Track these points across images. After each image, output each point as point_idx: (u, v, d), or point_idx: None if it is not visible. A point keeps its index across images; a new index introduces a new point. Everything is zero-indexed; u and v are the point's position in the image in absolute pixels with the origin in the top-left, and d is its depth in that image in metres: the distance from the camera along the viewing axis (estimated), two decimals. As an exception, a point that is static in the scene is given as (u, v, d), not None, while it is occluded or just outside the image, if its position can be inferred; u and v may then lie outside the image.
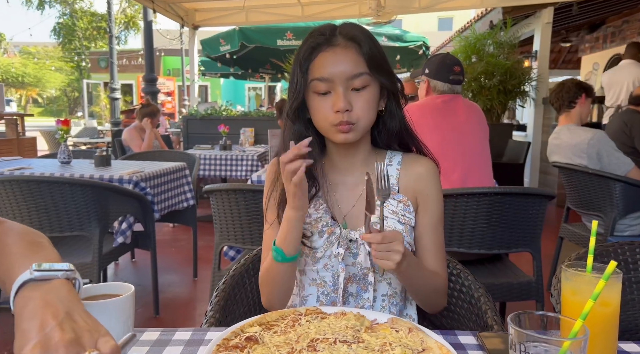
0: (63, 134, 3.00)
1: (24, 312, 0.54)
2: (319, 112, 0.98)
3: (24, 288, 0.56)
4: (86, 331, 0.53)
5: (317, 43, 0.97)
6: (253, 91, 20.95)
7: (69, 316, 0.54)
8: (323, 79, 0.95)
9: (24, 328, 0.52)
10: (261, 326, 0.79)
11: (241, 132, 6.04)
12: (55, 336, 0.51)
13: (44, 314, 0.53)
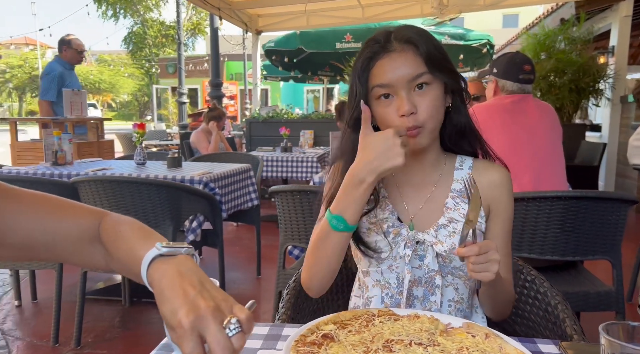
0: (139, 137, 3.20)
1: (163, 281, 0.58)
2: (384, 119, 0.99)
3: (155, 262, 0.61)
4: (221, 300, 0.57)
5: (373, 52, 0.97)
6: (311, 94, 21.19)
7: (203, 286, 0.58)
8: (384, 85, 0.96)
9: (167, 295, 0.56)
10: (335, 325, 0.81)
11: (301, 135, 6.14)
12: (201, 304, 0.54)
13: (183, 283, 0.57)
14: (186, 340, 0.52)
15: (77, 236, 0.71)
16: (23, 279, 3.02)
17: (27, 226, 0.69)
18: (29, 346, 2.42)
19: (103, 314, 2.79)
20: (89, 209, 0.74)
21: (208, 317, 0.53)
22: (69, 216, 0.71)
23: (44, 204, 0.71)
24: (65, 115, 4.05)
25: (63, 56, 4.53)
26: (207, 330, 0.53)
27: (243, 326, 0.55)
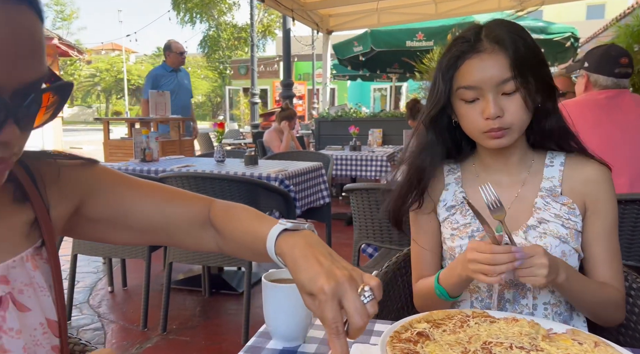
0: (219, 136, 3.35)
1: (295, 252, 0.62)
2: (467, 120, 0.97)
3: (282, 236, 0.65)
4: (352, 269, 0.60)
5: (461, 51, 0.94)
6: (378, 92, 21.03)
7: (332, 257, 0.61)
8: (470, 87, 0.93)
9: (302, 264, 0.60)
10: (429, 323, 0.81)
11: (369, 133, 6.11)
12: (337, 272, 0.58)
13: (315, 254, 0.61)
14: (329, 305, 0.55)
15: (190, 220, 0.77)
16: (115, 267, 3.27)
17: (148, 211, 0.76)
18: (122, 329, 2.62)
19: (185, 303, 2.96)
20: (198, 196, 0.80)
21: (345, 284, 0.56)
22: (182, 203, 0.78)
23: (161, 192, 0.78)
24: (150, 115, 4.33)
25: (167, 60, 5.05)
26: (345, 296, 0.56)
27: (375, 294, 0.58)
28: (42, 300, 0.64)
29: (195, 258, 2.57)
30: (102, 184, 0.74)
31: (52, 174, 0.70)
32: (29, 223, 0.65)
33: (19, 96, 0.50)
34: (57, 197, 0.70)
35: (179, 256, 2.56)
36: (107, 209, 0.74)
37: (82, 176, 0.73)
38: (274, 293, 0.78)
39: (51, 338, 0.64)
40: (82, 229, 0.75)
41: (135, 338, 2.48)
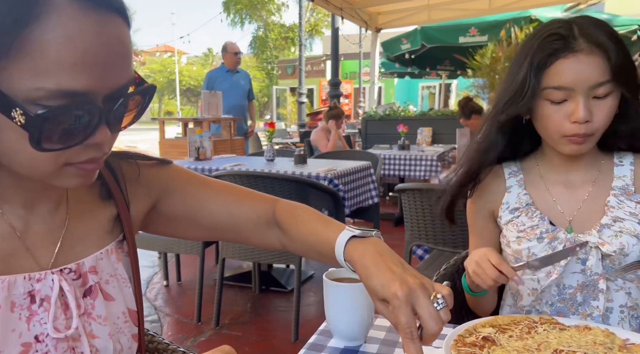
0: (269, 135, 3.40)
1: (366, 260, 0.63)
2: (550, 122, 0.92)
3: (351, 243, 0.66)
4: (421, 277, 0.61)
5: (554, 48, 0.89)
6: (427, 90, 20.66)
7: (403, 265, 0.62)
8: (561, 88, 0.89)
9: (373, 271, 0.61)
10: (494, 328, 0.79)
11: (418, 132, 6.02)
12: (409, 280, 0.59)
13: (386, 261, 0.62)
14: (402, 310, 0.56)
15: (256, 219, 0.79)
16: (169, 262, 3.39)
17: (217, 210, 0.79)
18: (177, 322, 2.72)
19: (236, 298, 3.03)
20: (264, 195, 0.83)
21: (418, 291, 0.57)
22: (249, 202, 0.80)
23: (229, 192, 0.80)
24: (203, 115, 4.46)
25: (224, 61, 5.24)
26: (418, 302, 0.57)
27: (447, 301, 0.59)
28: (124, 291, 0.68)
29: (247, 255, 2.62)
30: (177, 183, 0.78)
31: (132, 173, 0.74)
32: (112, 219, 0.70)
33: (109, 100, 0.53)
34: (137, 195, 0.74)
35: (231, 252, 2.62)
36: (181, 207, 0.78)
37: (158, 175, 0.77)
38: (335, 292, 0.79)
39: (131, 327, 0.68)
40: (156, 225, 0.79)
41: (189, 331, 2.56)
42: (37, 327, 0.58)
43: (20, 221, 0.60)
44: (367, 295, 0.78)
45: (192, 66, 36.89)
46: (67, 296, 0.61)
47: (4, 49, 0.46)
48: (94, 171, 0.57)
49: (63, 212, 0.65)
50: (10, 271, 0.58)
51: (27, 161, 0.52)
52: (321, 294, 0.85)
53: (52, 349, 0.58)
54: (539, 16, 5.79)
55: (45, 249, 0.62)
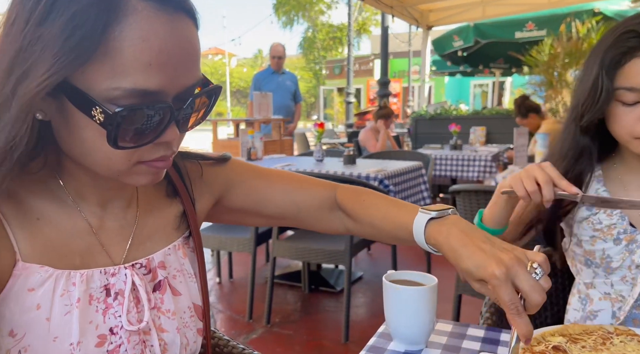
0: (319, 136, 3.41)
1: (452, 241, 0.62)
2: (621, 123, 0.88)
3: (431, 225, 0.66)
4: (513, 249, 0.60)
5: (629, 47, 0.84)
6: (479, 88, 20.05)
7: (490, 240, 0.62)
8: (634, 90, 0.84)
9: (463, 253, 0.61)
10: (564, 337, 0.75)
11: (471, 132, 5.85)
12: (503, 256, 0.58)
13: (473, 241, 0.61)
14: (503, 288, 0.56)
15: (318, 206, 0.81)
16: (222, 259, 3.48)
17: (279, 198, 0.80)
18: (229, 319, 2.78)
19: (286, 297, 3.06)
20: (323, 181, 0.83)
21: (516, 266, 0.57)
22: (310, 189, 0.81)
23: (289, 180, 0.82)
24: (254, 115, 4.54)
25: (270, 63, 5.33)
26: (518, 278, 0.57)
27: (544, 268, 0.59)
28: (190, 286, 0.70)
29: (297, 254, 2.64)
30: (238, 177, 0.80)
31: (196, 172, 0.77)
32: (179, 216, 0.72)
33: (179, 99, 0.54)
34: (201, 193, 0.76)
35: (282, 251, 2.65)
36: (243, 199, 0.80)
37: (220, 171, 0.79)
38: (397, 295, 0.77)
39: (197, 322, 0.70)
40: (220, 216, 0.82)
41: (241, 328, 2.62)
42: (111, 320, 0.60)
43: (96, 218, 0.63)
44: (429, 299, 0.77)
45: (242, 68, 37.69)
46: (138, 290, 0.63)
47: (90, 52, 0.48)
48: (164, 169, 0.59)
49: (134, 209, 0.68)
50: (88, 265, 0.60)
51: (103, 159, 0.54)
52: (370, 296, 0.84)
53: (125, 342, 0.60)
54: (603, 9, 5.48)
55: (118, 246, 0.65)
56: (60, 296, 0.56)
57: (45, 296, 0.56)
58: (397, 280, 0.83)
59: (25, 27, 0.48)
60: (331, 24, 28.39)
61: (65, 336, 0.56)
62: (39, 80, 0.47)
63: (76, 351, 0.56)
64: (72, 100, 0.50)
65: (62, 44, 0.47)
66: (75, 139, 0.53)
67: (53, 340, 0.55)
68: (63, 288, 0.57)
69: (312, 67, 30.16)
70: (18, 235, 0.55)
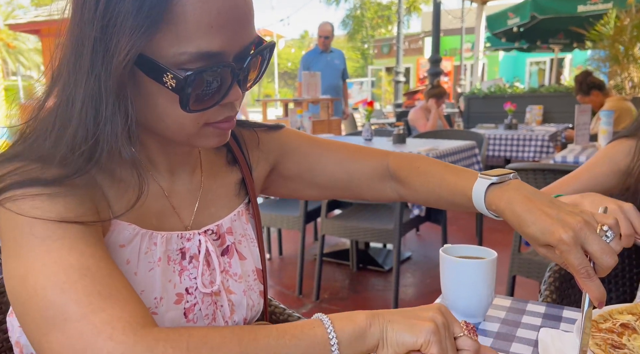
0: (368, 115, 3.38)
1: (516, 207, 0.61)
2: None
3: (491, 191, 0.65)
4: (580, 212, 0.59)
5: None
6: (535, 66, 19.09)
7: (555, 204, 0.60)
8: None
9: (528, 219, 0.59)
10: (634, 316, 0.72)
11: (527, 111, 5.60)
12: (569, 220, 0.57)
13: (537, 206, 0.59)
14: (572, 253, 0.55)
15: (370, 174, 0.81)
16: (272, 236, 3.56)
17: (332, 167, 0.81)
18: (279, 293, 2.86)
19: (335, 275, 3.10)
20: (375, 150, 0.84)
21: (584, 229, 0.56)
22: (362, 158, 0.82)
23: (341, 149, 0.82)
24: (303, 95, 4.55)
25: (318, 43, 5.32)
26: (587, 241, 0.56)
27: (614, 231, 0.58)
28: (253, 251, 0.73)
29: (345, 232, 2.66)
30: (292, 145, 0.82)
31: (252, 140, 0.79)
32: (239, 183, 0.75)
33: (239, 59, 0.56)
34: (258, 160, 0.79)
35: (330, 229, 2.67)
36: (298, 167, 0.82)
37: (274, 139, 0.81)
38: (455, 268, 0.76)
39: (258, 285, 0.73)
40: (275, 187, 0.84)
41: (291, 303, 2.68)
42: (187, 281, 0.64)
43: (166, 183, 0.67)
44: (488, 272, 0.76)
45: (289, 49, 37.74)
46: (211, 255, 0.66)
47: (157, 21, 0.50)
48: (229, 130, 0.61)
49: (198, 175, 0.71)
50: (162, 226, 0.64)
51: (174, 124, 0.56)
52: (419, 277, 0.84)
53: (200, 302, 0.64)
54: None
55: (187, 210, 0.68)
56: (144, 254, 0.61)
57: (133, 252, 0.60)
58: (454, 254, 0.82)
59: (97, 9, 0.50)
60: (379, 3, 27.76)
61: (150, 291, 0.60)
62: (123, 54, 0.50)
63: (160, 304, 0.60)
64: (144, 69, 0.52)
65: (135, 16, 0.49)
66: (149, 106, 0.56)
67: (141, 292, 0.59)
68: (147, 246, 0.61)
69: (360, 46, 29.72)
70: (115, 201, 0.59)
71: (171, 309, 0.61)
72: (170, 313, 0.61)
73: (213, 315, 0.66)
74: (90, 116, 0.52)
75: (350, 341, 0.48)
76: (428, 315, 0.49)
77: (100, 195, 0.58)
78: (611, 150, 1.05)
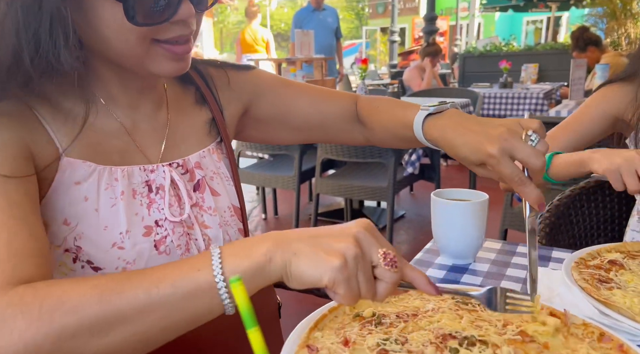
0: (362, 73, 3.33)
1: (447, 134, 0.64)
2: None
3: (428, 120, 0.67)
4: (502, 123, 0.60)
5: None
6: (532, 25, 18.73)
7: (482, 122, 0.62)
8: None
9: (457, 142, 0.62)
10: (622, 254, 0.73)
11: (523, 69, 5.54)
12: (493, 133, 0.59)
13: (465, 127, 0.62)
14: (502, 164, 0.57)
15: (341, 115, 0.82)
16: (267, 197, 3.57)
17: (306, 109, 0.82)
18: (275, 251, 2.89)
19: (329, 233, 3.12)
20: (346, 93, 0.85)
21: (508, 139, 0.57)
22: (334, 99, 0.83)
23: (314, 90, 0.83)
24: (296, 54, 4.46)
25: (310, 0, 5.12)
26: (514, 149, 0.57)
27: (539, 134, 0.59)
28: (227, 188, 0.73)
29: (339, 191, 2.67)
30: (265, 85, 0.81)
31: (222, 79, 0.78)
32: (209, 122, 0.75)
33: None
34: (229, 100, 0.78)
35: (324, 188, 2.68)
36: (271, 108, 0.81)
37: (246, 79, 0.80)
38: (445, 210, 0.77)
39: (237, 222, 0.73)
40: (249, 131, 0.84)
41: (287, 260, 2.71)
42: (156, 213, 0.64)
43: (129, 120, 0.66)
44: (478, 214, 0.76)
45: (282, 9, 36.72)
46: (179, 187, 0.66)
47: None
48: (184, 55, 0.59)
49: (164, 112, 0.70)
50: (127, 163, 0.64)
51: (119, 41, 0.54)
52: (412, 234, 0.85)
53: (171, 233, 0.64)
54: None
55: (153, 147, 0.67)
56: (104, 190, 0.60)
57: (91, 189, 0.59)
58: (446, 197, 0.82)
59: None
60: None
61: (114, 226, 0.60)
62: None
63: (125, 239, 0.60)
64: None
65: None
66: (91, 21, 0.53)
67: (104, 229, 0.59)
68: (107, 182, 0.61)
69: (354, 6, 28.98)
70: (58, 133, 0.58)
71: (140, 243, 0.61)
72: (138, 246, 0.61)
73: (186, 246, 0.65)
74: (24, 34, 0.49)
75: (244, 281, 0.43)
76: (340, 246, 0.44)
77: (40, 133, 0.57)
78: (600, 97, 1.03)
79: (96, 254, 0.58)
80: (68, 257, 0.58)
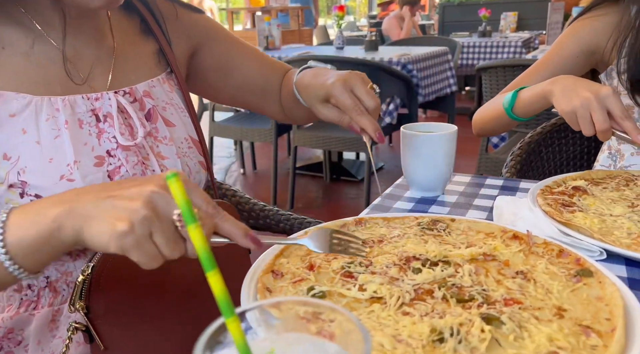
0: (338, 21, 3.23)
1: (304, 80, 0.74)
2: None
3: (304, 72, 0.76)
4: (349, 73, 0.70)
5: None
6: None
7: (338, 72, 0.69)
8: None
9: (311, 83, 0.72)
10: (586, 181, 0.73)
11: (502, 18, 5.45)
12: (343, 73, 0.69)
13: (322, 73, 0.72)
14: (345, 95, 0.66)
15: (278, 85, 0.84)
16: (245, 152, 3.53)
17: (252, 71, 0.82)
18: (254, 204, 2.89)
19: (309, 186, 3.14)
20: (281, 63, 0.87)
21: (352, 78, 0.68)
22: (275, 68, 0.85)
23: (262, 56, 0.84)
24: (270, 3, 4.31)
25: None
26: (355, 87, 0.67)
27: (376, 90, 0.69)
28: (183, 119, 0.71)
29: (317, 143, 2.65)
30: (215, 34, 0.81)
31: (170, 13, 0.76)
32: (156, 53, 0.73)
33: None
34: (178, 35, 0.77)
35: (302, 140, 2.65)
36: (218, 59, 0.81)
37: (199, 23, 0.80)
38: (413, 142, 0.76)
39: (196, 154, 0.72)
40: (193, 80, 0.83)
41: (266, 213, 2.73)
42: (107, 143, 0.62)
43: (70, 47, 0.62)
44: (445, 145, 0.75)
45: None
46: (129, 115, 0.64)
47: None
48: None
49: (109, 40, 0.67)
50: (70, 93, 0.61)
51: None
52: (390, 184, 0.85)
53: (124, 162, 0.62)
54: None
55: (100, 76, 0.64)
56: (45, 121, 0.58)
57: (29, 121, 0.57)
58: (416, 130, 0.81)
59: None
60: None
61: (60, 157, 0.58)
62: None
63: (74, 170, 0.58)
64: None
65: None
66: None
67: (49, 161, 0.57)
68: (47, 113, 0.58)
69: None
70: None
71: (91, 173, 0.59)
72: (90, 177, 0.59)
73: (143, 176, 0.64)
74: None
75: (31, 251, 0.41)
76: (128, 209, 0.40)
77: None
78: (577, 30, 1.00)
79: (45, 188, 0.56)
80: (14, 193, 0.56)
